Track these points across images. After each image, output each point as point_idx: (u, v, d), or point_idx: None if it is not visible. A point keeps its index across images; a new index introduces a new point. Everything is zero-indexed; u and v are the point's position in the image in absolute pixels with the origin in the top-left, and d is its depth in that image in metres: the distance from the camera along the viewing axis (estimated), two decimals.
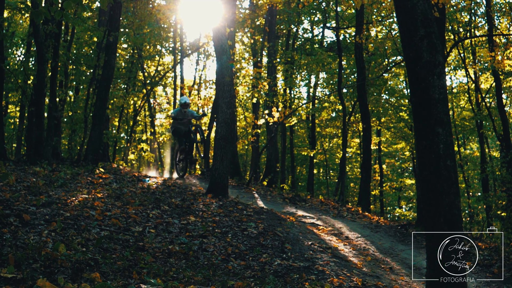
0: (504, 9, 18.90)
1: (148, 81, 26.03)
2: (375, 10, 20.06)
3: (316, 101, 26.30)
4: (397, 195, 32.23)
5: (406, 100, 24.46)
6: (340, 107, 24.42)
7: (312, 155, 26.59)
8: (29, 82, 15.34)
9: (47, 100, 15.09)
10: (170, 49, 26.68)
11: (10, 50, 21.06)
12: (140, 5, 19.37)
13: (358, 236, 10.00)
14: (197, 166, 30.18)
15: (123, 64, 24.40)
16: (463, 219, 24.42)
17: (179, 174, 15.02)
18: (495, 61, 16.17)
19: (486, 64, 21.02)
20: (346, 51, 24.13)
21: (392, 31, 21.71)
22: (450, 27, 18.75)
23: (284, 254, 6.87)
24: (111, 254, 5.36)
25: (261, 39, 23.79)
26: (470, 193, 26.19)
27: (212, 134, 21.31)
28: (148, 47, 24.97)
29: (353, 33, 22.99)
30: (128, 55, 25.06)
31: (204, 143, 15.07)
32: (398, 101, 25.19)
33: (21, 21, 22.27)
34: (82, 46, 19.38)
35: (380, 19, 21.12)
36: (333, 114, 28.42)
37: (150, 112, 28.63)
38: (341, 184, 18.52)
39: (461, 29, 19.56)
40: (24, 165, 11.78)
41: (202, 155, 15.56)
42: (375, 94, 24.09)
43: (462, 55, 21.57)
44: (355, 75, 22.29)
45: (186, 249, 6.19)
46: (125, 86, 24.21)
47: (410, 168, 30.84)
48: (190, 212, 8.53)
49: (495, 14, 19.19)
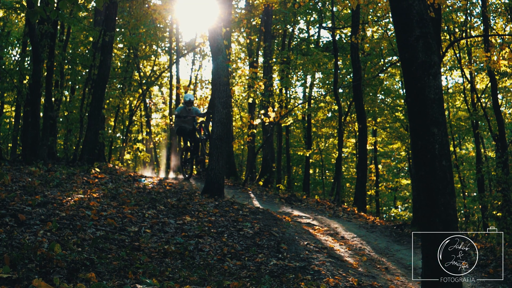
0: (500, 10, 18.94)
1: (144, 81, 26.00)
2: (371, 10, 20.07)
3: (312, 101, 26.27)
4: (393, 195, 32.28)
5: (402, 100, 24.49)
6: (336, 107, 24.44)
7: (308, 155, 26.62)
8: (25, 82, 15.31)
9: (43, 100, 15.06)
10: (166, 49, 26.65)
11: (6, 50, 21.03)
12: (136, 5, 19.34)
13: (354, 236, 10.01)
14: (194, 166, 30.16)
15: (119, 64, 24.38)
16: (459, 219, 24.49)
17: (185, 176, 14.65)
18: (491, 62, 16.17)
19: (482, 65, 21.05)
20: (342, 51, 24.15)
21: (388, 31, 21.72)
22: (446, 27, 18.78)
23: (280, 254, 6.87)
24: (107, 254, 5.35)
25: (257, 39, 23.81)
26: (466, 193, 26.24)
27: None
28: (144, 47, 24.94)
29: (349, 33, 22.98)
30: (124, 55, 25.04)
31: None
32: (394, 101, 25.24)
33: (17, 21, 22.23)
34: (78, 46, 19.36)
35: (376, 19, 21.13)
36: (329, 114, 28.44)
37: (146, 112, 28.58)
38: (337, 184, 18.52)
39: (457, 29, 19.59)
40: (20, 165, 11.76)
41: (208, 152, 14.44)
42: (371, 94, 24.11)
43: (458, 55, 21.60)
44: (351, 75, 22.33)
45: (182, 249, 6.19)
46: (121, 86, 24.20)
47: (406, 168, 30.87)
48: (186, 212, 8.52)
49: (491, 15, 19.22)
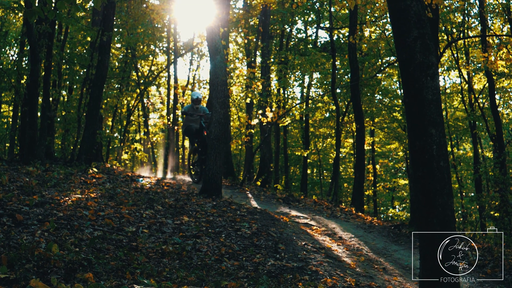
0: (497, 10, 18.97)
1: (142, 81, 26.00)
2: (369, 11, 20.08)
3: (310, 101, 26.31)
4: (391, 195, 32.29)
5: (400, 101, 24.53)
6: (334, 107, 24.46)
7: (306, 155, 26.62)
8: (22, 82, 15.29)
9: (40, 100, 15.04)
10: (164, 49, 26.66)
11: (3, 50, 21.00)
12: (134, 5, 19.32)
13: (352, 237, 10.01)
14: (191, 167, 30.16)
15: (117, 64, 24.36)
16: (457, 219, 24.53)
17: (194, 180, 14.22)
18: (488, 62, 16.22)
19: (479, 65, 21.11)
20: (340, 52, 24.17)
21: (386, 32, 21.75)
22: (444, 28, 18.81)
23: (278, 255, 6.87)
24: (104, 254, 5.35)
25: (255, 39, 23.80)
26: (463, 194, 26.30)
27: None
28: (142, 47, 24.94)
29: (347, 34, 23.02)
30: (122, 55, 25.02)
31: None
32: (392, 102, 25.26)
33: (14, 21, 22.20)
34: (76, 46, 19.34)
35: (374, 20, 21.16)
36: (327, 114, 28.46)
37: (144, 112, 28.60)
38: (335, 184, 18.53)
39: (455, 30, 19.62)
40: (17, 165, 11.74)
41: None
42: (369, 95, 24.13)
43: (456, 56, 21.64)
44: (349, 76, 22.32)
45: (180, 249, 6.19)
46: (119, 86, 24.18)
47: (404, 169, 30.93)
48: (184, 212, 8.52)
49: (488, 15, 19.26)
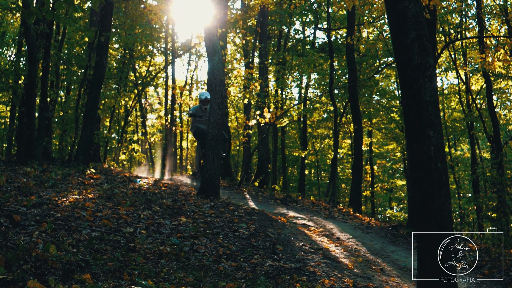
0: (495, 11, 19.01)
1: (140, 82, 25.99)
2: (367, 12, 20.09)
3: (308, 102, 26.33)
4: (388, 196, 32.34)
5: (397, 101, 24.56)
6: (332, 108, 24.46)
7: (304, 156, 26.63)
8: (20, 82, 15.28)
9: (38, 100, 15.01)
10: (162, 50, 26.65)
11: (1, 50, 20.98)
12: (132, 6, 19.33)
13: (349, 237, 10.02)
14: (188, 167, 30.16)
15: (115, 65, 24.36)
16: (454, 220, 24.56)
17: None
18: (486, 63, 16.24)
19: (477, 66, 21.14)
20: (338, 52, 24.18)
21: (384, 33, 21.78)
22: (441, 29, 18.85)
23: (276, 255, 6.88)
24: (102, 255, 5.34)
25: (253, 40, 23.82)
26: (461, 194, 26.33)
27: None
28: (140, 48, 24.93)
29: (345, 34, 23.01)
30: (120, 56, 25.02)
31: (229, 142, 13.02)
32: (389, 102, 25.31)
33: (12, 21, 22.18)
34: (73, 46, 19.32)
35: (372, 21, 21.18)
36: (325, 115, 28.47)
37: (142, 113, 28.56)
38: (332, 185, 18.52)
39: (452, 31, 19.67)
40: (15, 166, 11.73)
41: (223, 155, 13.23)
42: (367, 95, 24.18)
43: (453, 57, 21.67)
44: (347, 76, 22.35)
45: (177, 250, 6.19)
46: (117, 87, 24.17)
47: (401, 169, 30.94)
48: (181, 213, 8.52)
49: (486, 16, 19.30)
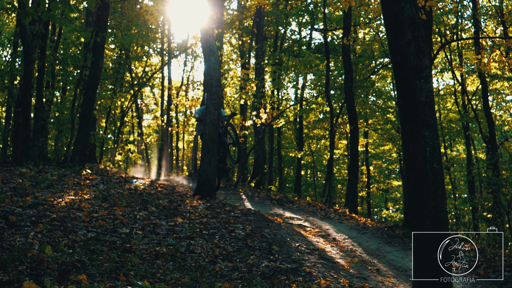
0: (490, 12, 19.06)
1: (136, 82, 25.96)
2: (363, 12, 20.12)
3: (304, 103, 26.33)
4: (384, 197, 32.39)
5: (393, 102, 24.58)
6: (328, 109, 24.50)
7: (300, 157, 26.62)
8: (16, 83, 15.25)
9: (34, 101, 15.00)
10: (158, 50, 26.63)
11: None
12: (128, 6, 19.30)
13: (345, 238, 10.03)
14: (185, 168, 30.14)
15: (111, 65, 24.33)
16: (450, 221, 24.61)
17: None
18: (481, 64, 16.30)
19: (473, 67, 21.20)
20: (334, 53, 24.20)
21: (380, 33, 21.81)
22: (437, 30, 18.88)
23: (272, 256, 6.88)
24: (98, 256, 5.34)
25: (249, 41, 23.81)
26: (457, 195, 26.35)
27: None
28: (136, 48, 24.90)
29: (341, 35, 23.06)
30: (116, 56, 24.99)
31: (238, 145, 12.07)
32: (385, 103, 25.33)
33: (8, 21, 22.13)
34: (69, 47, 19.29)
35: (368, 21, 21.20)
36: (321, 116, 28.49)
37: (138, 113, 28.55)
38: (329, 186, 18.55)
39: (448, 32, 19.70)
40: (10, 166, 11.71)
41: (235, 160, 12.59)
42: (363, 96, 24.19)
43: (449, 58, 21.71)
44: (343, 77, 22.37)
45: (173, 251, 6.18)
46: (113, 87, 24.14)
47: (397, 170, 30.99)
48: (178, 214, 8.52)
49: (482, 17, 19.35)
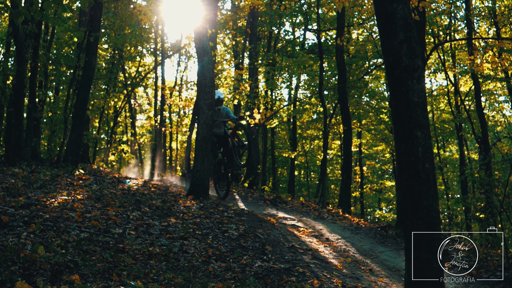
0: (483, 13, 19.13)
1: (129, 82, 25.93)
2: (356, 13, 20.15)
3: (297, 103, 26.36)
4: (378, 197, 32.46)
5: (387, 103, 24.61)
6: (321, 109, 24.50)
7: (293, 157, 26.66)
8: (8, 83, 15.18)
9: (26, 101, 14.94)
10: (151, 50, 26.60)
11: None
12: (121, 6, 19.28)
13: (339, 238, 10.05)
14: (178, 168, 30.12)
15: (104, 65, 24.28)
16: (443, 221, 24.70)
17: (220, 195, 12.15)
18: (474, 65, 16.36)
19: (466, 67, 21.26)
20: (327, 53, 24.22)
21: (373, 34, 21.83)
22: (430, 30, 18.93)
23: (265, 256, 6.89)
24: (91, 256, 5.33)
25: (243, 41, 23.82)
26: (449, 195, 26.45)
27: (193, 136, 21.26)
28: (129, 48, 24.87)
29: (334, 36, 23.09)
30: (109, 56, 24.94)
31: (250, 148, 11.14)
32: (379, 104, 25.37)
33: (0, 21, 22.05)
34: (62, 47, 19.22)
35: (361, 22, 21.24)
36: (314, 116, 28.51)
37: (131, 113, 28.50)
38: (322, 186, 18.56)
39: (441, 33, 19.76)
40: (3, 166, 11.66)
41: (241, 164, 11.57)
42: (356, 97, 24.22)
43: (442, 58, 21.78)
44: (336, 77, 22.38)
45: (167, 251, 6.18)
46: (106, 87, 24.10)
47: (390, 170, 31.08)
48: (171, 214, 8.51)
49: (475, 18, 19.42)
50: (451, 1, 17.95)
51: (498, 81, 21.74)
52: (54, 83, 18.89)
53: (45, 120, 17.87)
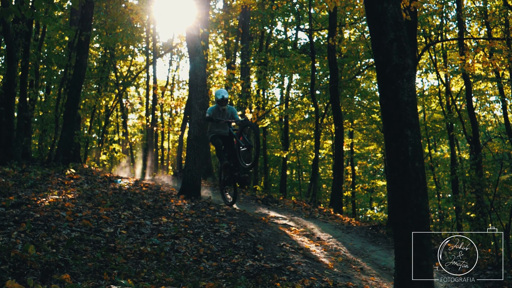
0: (475, 13, 19.21)
1: (121, 81, 25.87)
2: (348, 13, 20.19)
3: (289, 103, 26.38)
4: (369, 197, 32.52)
5: (378, 102, 24.63)
6: (313, 109, 24.54)
7: (285, 157, 26.67)
8: None
9: (17, 100, 14.89)
10: (143, 49, 26.55)
11: None
12: (113, 5, 19.21)
13: (330, 237, 10.06)
14: (170, 167, 30.07)
15: (95, 64, 24.24)
16: (434, 220, 24.78)
17: (227, 201, 11.24)
18: (465, 65, 16.40)
19: (457, 67, 21.34)
20: (319, 53, 24.26)
21: (365, 34, 21.89)
22: (422, 30, 19.00)
23: (256, 255, 6.89)
24: (82, 255, 5.32)
25: (235, 40, 23.81)
26: (440, 195, 26.53)
27: (185, 135, 21.24)
28: (121, 47, 24.81)
29: (326, 35, 23.12)
30: (100, 55, 24.88)
31: (257, 147, 10.14)
32: (370, 103, 25.42)
33: None
34: (53, 46, 19.18)
35: (353, 22, 21.28)
36: (306, 116, 28.52)
37: (123, 113, 28.44)
38: (314, 186, 18.58)
39: (433, 33, 19.83)
40: None
41: (246, 165, 10.59)
42: (348, 96, 24.27)
43: (434, 58, 21.85)
44: (328, 77, 22.42)
45: (158, 250, 6.17)
46: (97, 86, 24.03)
47: (382, 170, 31.13)
48: (162, 213, 8.50)
49: (466, 18, 19.49)
50: (443, 1, 18.02)
51: (489, 81, 21.82)
52: (45, 82, 18.84)
53: (36, 119, 17.82)
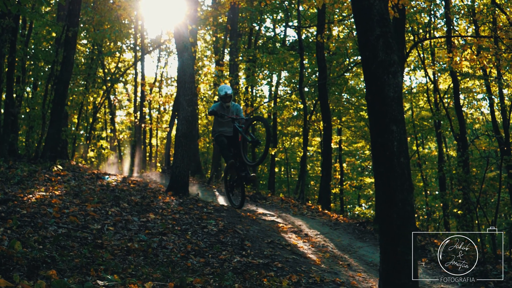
0: (463, 11, 19.30)
1: (108, 78, 25.79)
2: (337, 10, 20.24)
3: (278, 100, 26.41)
4: (357, 194, 32.65)
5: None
6: (301, 106, 24.58)
7: (273, 154, 26.70)
8: None
9: (4, 96, 14.80)
10: (131, 46, 26.47)
11: None
12: (100, 1, 19.13)
13: (317, 234, 10.09)
14: (158, 164, 30.02)
15: (83, 60, 24.12)
16: (421, 217, 24.92)
17: (234, 204, 10.87)
18: (453, 62, 16.48)
19: (445, 65, 21.43)
20: (308, 50, 24.30)
21: (353, 31, 21.93)
22: (410, 28, 19.06)
23: (244, 251, 6.91)
24: (69, 252, 5.30)
25: (223, 37, 23.80)
26: (428, 192, 26.68)
27: (173, 132, 21.21)
28: (108, 43, 24.71)
29: (315, 33, 23.15)
30: (88, 51, 24.77)
31: (268, 143, 9.54)
32: (359, 101, 25.53)
33: None
34: (40, 41, 19.06)
35: (342, 19, 21.33)
36: (295, 113, 28.60)
37: (110, 109, 28.35)
38: (302, 183, 18.63)
39: (421, 30, 19.90)
40: None
41: (251, 162, 10.36)
42: (336, 93, 24.35)
43: (422, 56, 21.94)
44: (317, 74, 22.46)
45: (145, 247, 6.17)
46: (85, 83, 23.93)
47: (370, 167, 31.27)
48: (150, 210, 8.49)
49: (454, 16, 19.58)
50: None
51: (477, 79, 21.96)
52: (32, 78, 18.73)
53: (23, 116, 17.71)
